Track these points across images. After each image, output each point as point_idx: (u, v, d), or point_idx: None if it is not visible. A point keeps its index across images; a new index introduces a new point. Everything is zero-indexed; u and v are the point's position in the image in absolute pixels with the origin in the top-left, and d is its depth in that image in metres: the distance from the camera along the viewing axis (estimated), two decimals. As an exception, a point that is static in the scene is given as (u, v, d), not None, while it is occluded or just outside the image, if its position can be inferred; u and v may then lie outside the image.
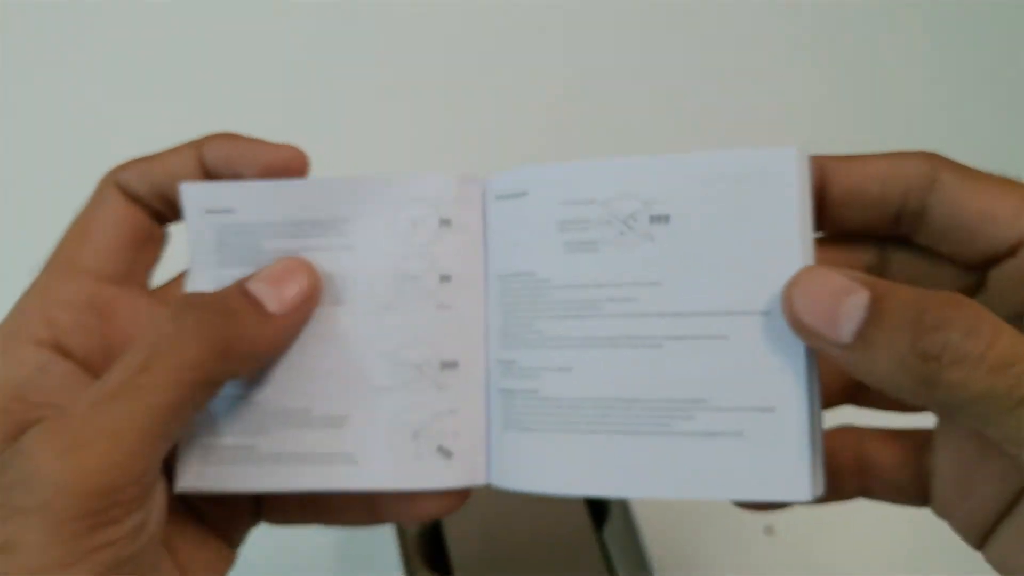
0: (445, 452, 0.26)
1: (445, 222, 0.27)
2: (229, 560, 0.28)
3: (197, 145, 0.27)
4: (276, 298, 0.25)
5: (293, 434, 0.27)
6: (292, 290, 0.25)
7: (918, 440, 0.25)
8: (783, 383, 0.23)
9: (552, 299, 0.26)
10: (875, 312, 0.21)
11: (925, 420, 0.25)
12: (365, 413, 0.27)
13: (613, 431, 0.25)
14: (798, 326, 0.23)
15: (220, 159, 0.27)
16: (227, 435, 0.27)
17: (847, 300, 0.21)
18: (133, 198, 0.27)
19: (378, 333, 0.27)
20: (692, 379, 0.24)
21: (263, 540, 0.30)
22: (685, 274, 0.25)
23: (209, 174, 0.28)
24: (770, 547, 0.37)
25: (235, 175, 0.27)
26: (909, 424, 0.26)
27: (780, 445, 0.23)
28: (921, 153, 0.24)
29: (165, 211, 0.28)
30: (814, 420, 0.24)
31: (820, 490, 0.24)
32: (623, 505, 0.37)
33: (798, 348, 0.23)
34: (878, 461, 0.25)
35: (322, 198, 0.27)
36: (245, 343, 0.24)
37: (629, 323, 0.25)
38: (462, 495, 0.27)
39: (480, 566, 0.34)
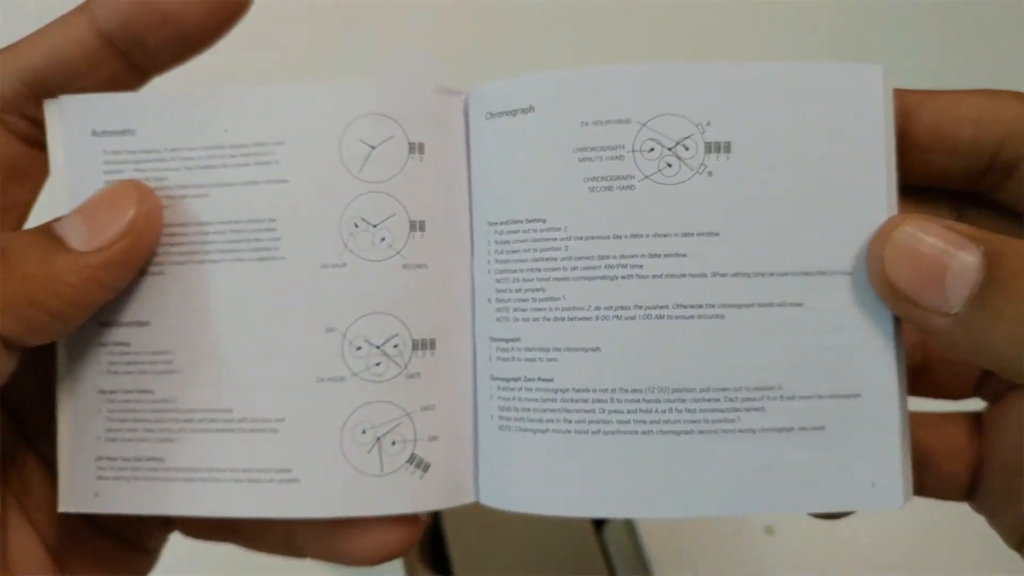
0: (419, 464, 0.19)
1: (416, 148, 0.20)
2: (146, 565, 0.23)
3: (86, 6, 0.19)
4: (85, 233, 0.18)
5: (211, 443, 0.19)
6: (111, 223, 0.18)
7: (971, 424, 0.21)
8: (870, 363, 0.19)
9: (570, 254, 0.19)
10: (992, 273, 0.17)
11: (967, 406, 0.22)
12: (307, 414, 0.19)
13: (655, 431, 0.19)
14: (889, 291, 0.18)
15: (122, 15, 0.19)
16: (126, 444, 0.19)
17: (955, 259, 0.17)
18: None
19: (323, 302, 0.19)
20: (763, 359, 0.19)
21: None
22: (751, 222, 0.19)
23: (112, 46, 0.19)
24: (770, 547, 0.36)
25: (143, 39, 0.19)
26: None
27: (868, 441, 0.19)
28: (1018, 94, 0.20)
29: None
30: (903, 409, 0.19)
31: (910, 495, 0.19)
32: None
33: (886, 318, 0.19)
34: (932, 449, 0.21)
35: (249, 113, 0.19)
36: (31, 291, 0.17)
37: (678, 287, 0.19)
38: (419, 522, 0.20)
39: (480, 566, 0.32)
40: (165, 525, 0.22)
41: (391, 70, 0.43)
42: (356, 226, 0.19)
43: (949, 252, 0.17)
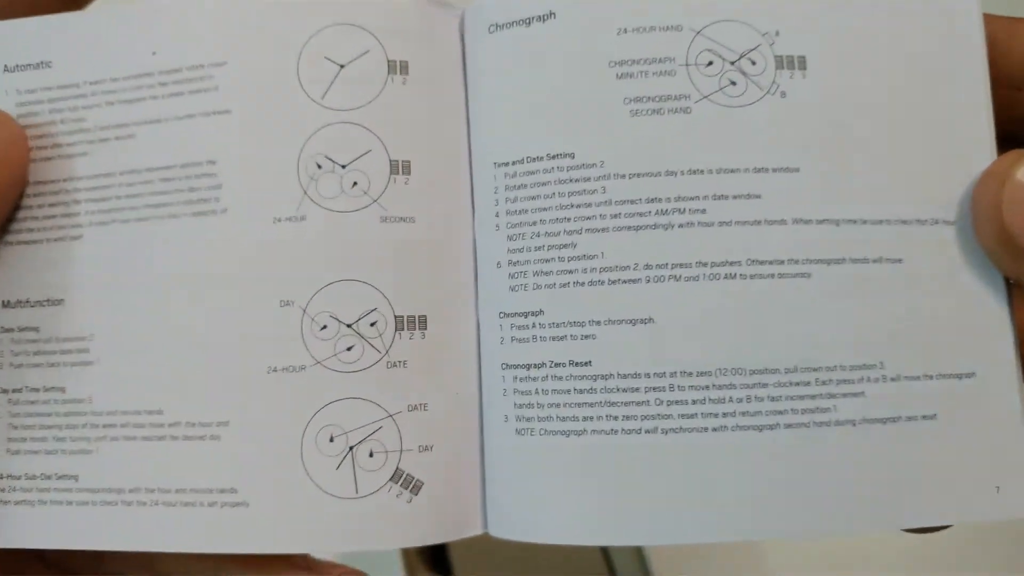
0: (407, 482, 0.14)
1: (397, 67, 0.15)
2: None
3: None
4: None
5: (136, 455, 0.15)
6: None
7: None
8: (984, 334, 0.14)
9: (609, 198, 0.14)
10: None
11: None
12: (257, 415, 0.14)
13: (731, 427, 0.14)
14: (1006, 246, 0.14)
15: None
16: (32, 458, 0.15)
17: None
18: None
19: (276, 267, 0.14)
20: (859, 331, 0.14)
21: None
22: (836, 156, 0.14)
23: None
24: (770, 547, 0.35)
25: None
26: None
27: (988, 433, 0.14)
28: None
29: None
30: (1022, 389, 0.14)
31: None
32: None
33: (996, 279, 0.14)
34: None
35: (182, 30, 0.15)
36: None
37: (753, 237, 0.14)
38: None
39: (480, 566, 0.31)
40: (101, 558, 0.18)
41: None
42: (319, 167, 0.15)
43: None
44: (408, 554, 0.31)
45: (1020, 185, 0.13)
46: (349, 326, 0.14)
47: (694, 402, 0.14)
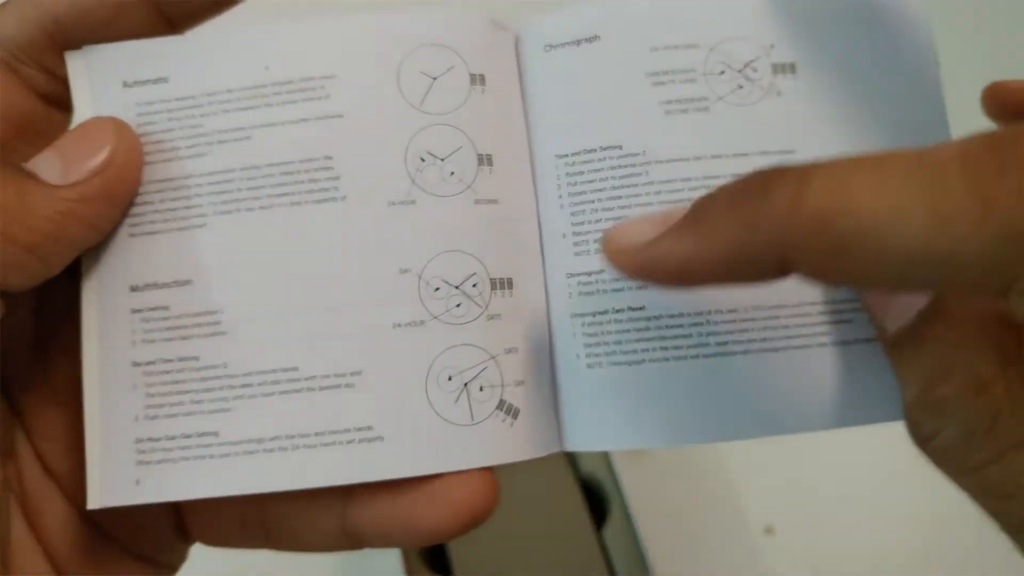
0: (509, 410, 0.18)
1: (477, 79, 0.19)
2: None
3: None
4: (60, 168, 0.17)
5: (276, 408, 0.17)
6: (88, 157, 0.17)
7: None
8: None
9: (651, 179, 0.18)
10: None
11: None
12: (386, 364, 0.17)
13: (755, 350, 0.18)
14: None
15: None
16: (171, 421, 0.17)
17: None
18: (9, 62, 0.18)
19: (393, 242, 0.18)
20: None
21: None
22: (822, 139, 0.19)
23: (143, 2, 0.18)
24: (770, 547, 0.35)
25: None
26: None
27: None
28: None
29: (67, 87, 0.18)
30: None
31: None
32: (623, 505, 0.35)
33: None
34: None
35: (291, 49, 0.18)
36: (2, 224, 0.16)
37: None
38: (496, 481, 0.18)
39: (480, 566, 0.31)
40: (183, 537, 0.19)
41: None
42: (423, 160, 0.18)
43: None
44: (408, 554, 0.32)
45: None
46: (456, 287, 0.18)
47: (726, 332, 0.18)
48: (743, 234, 0.13)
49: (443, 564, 0.32)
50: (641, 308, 0.18)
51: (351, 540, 0.18)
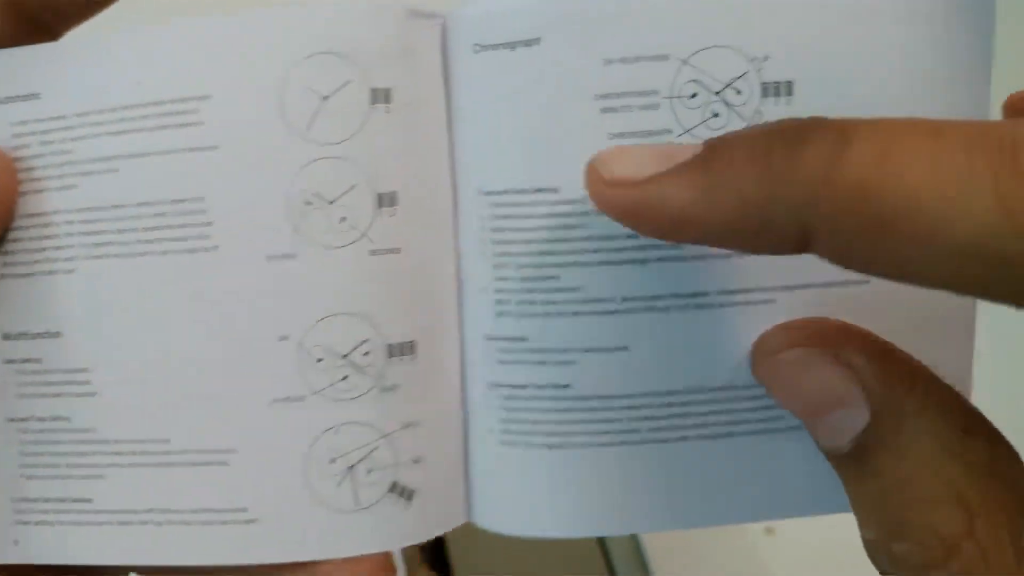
0: (403, 492, 0.16)
1: (380, 95, 0.15)
2: None
3: None
4: None
5: (148, 480, 0.16)
6: None
7: None
8: (948, 344, 0.15)
9: (591, 234, 0.15)
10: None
11: None
12: (262, 443, 0.15)
13: (693, 436, 0.15)
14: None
15: None
16: (47, 483, 0.16)
17: None
18: None
19: (271, 304, 0.15)
20: None
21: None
22: None
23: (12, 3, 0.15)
24: (770, 547, 0.35)
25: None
26: None
27: None
28: None
29: None
30: None
31: None
32: None
33: (964, 300, 0.15)
34: None
35: (165, 60, 0.15)
36: None
37: (723, 269, 0.15)
38: (387, 566, 0.16)
39: (480, 566, 0.32)
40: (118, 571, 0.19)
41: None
42: (308, 204, 0.15)
43: None
44: (408, 552, 0.32)
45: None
46: (344, 357, 0.15)
47: (661, 417, 0.15)
48: (763, 192, 0.11)
49: (443, 564, 0.32)
50: (567, 386, 0.15)
51: None
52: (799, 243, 0.11)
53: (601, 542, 0.32)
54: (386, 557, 0.16)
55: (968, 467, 0.12)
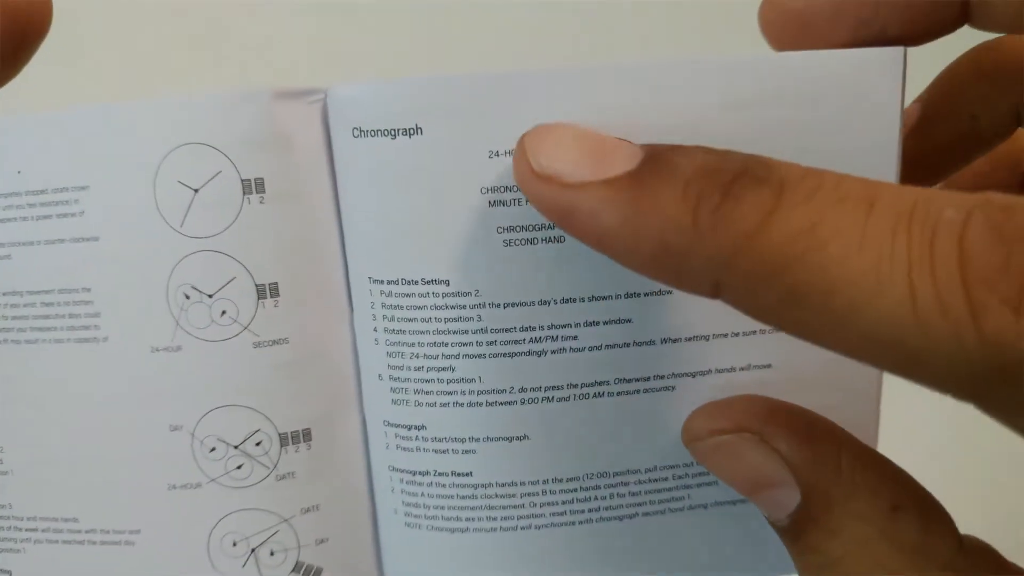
0: (307, 571, 0.16)
1: (252, 186, 0.14)
2: None
3: None
4: None
5: (61, 557, 0.16)
6: None
7: None
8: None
9: (485, 325, 0.14)
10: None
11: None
12: (165, 525, 0.15)
13: (596, 519, 0.15)
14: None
15: None
16: None
17: None
18: None
19: (161, 394, 0.15)
20: None
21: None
22: None
23: None
24: None
25: None
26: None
27: None
28: None
29: None
30: None
31: None
32: None
33: (871, 376, 0.15)
34: None
35: (43, 149, 0.14)
36: None
37: (622, 358, 0.14)
38: None
39: None
40: None
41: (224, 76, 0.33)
42: (187, 297, 0.14)
43: None
44: None
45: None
46: (236, 447, 0.15)
47: (564, 503, 0.15)
48: (684, 242, 0.11)
49: None
50: (468, 474, 0.15)
51: None
52: (711, 292, 0.11)
53: None
54: None
55: (898, 547, 0.12)
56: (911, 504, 0.12)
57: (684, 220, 0.10)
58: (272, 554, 0.15)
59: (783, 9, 0.14)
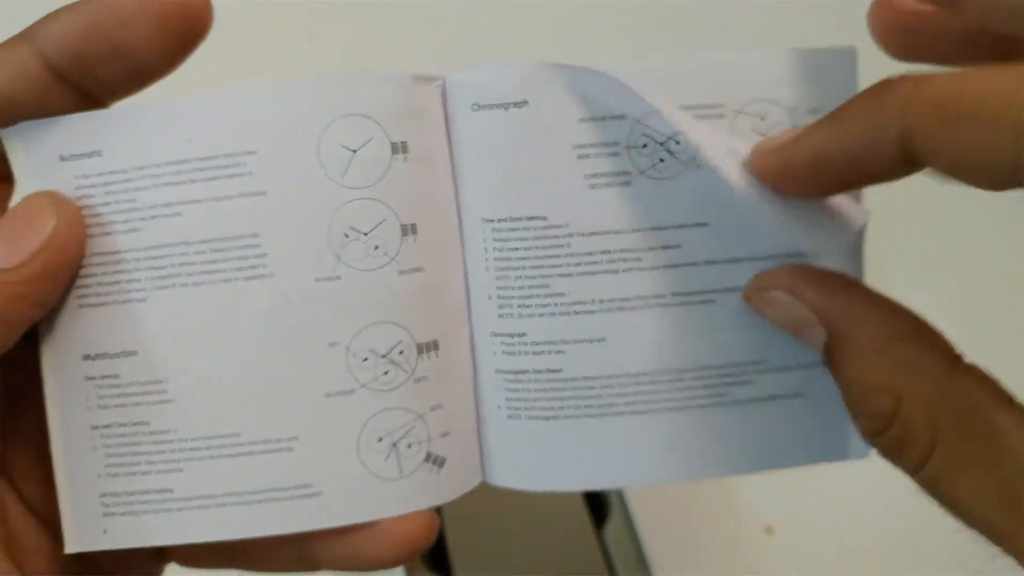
0: (436, 460, 0.20)
1: (398, 147, 0.19)
2: None
3: (29, 35, 0.17)
4: (3, 250, 0.17)
5: (222, 469, 0.19)
6: (30, 236, 0.17)
7: None
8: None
9: (573, 251, 0.19)
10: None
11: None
12: (320, 430, 0.19)
13: (659, 409, 0.20)
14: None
15: (69, 49, 0.17)
16: (130, 479, 0.19)
17: None
18: None
19: (321, 317, 0.19)
20: (749, 338, 0.20)
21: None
22: (736, 211, 0.19)
23: (62, 78, 0.18)
24: (770, 547, 0.36)
25: (93, 72, 0.17)
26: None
27: (840, 403, 0.19)
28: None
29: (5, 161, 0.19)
30: None
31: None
32: (623, 504, 0.35)
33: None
34: None
35: (212, 122, 0.18)
36: None
37: (675, 276, 0.19)
38: (434, 517, 0.20)
39: (480, 566, 0.32)
40: (159, 558, 0.22)
41: (362, 59, 0.39)
42: (346, 236, 0.18)
43: None
44: None
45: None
46: (383, 356, 0.19)
47: (634, 394, 0.20)
48: (871, 114, 0.15)
49: (443, 564, 0.33)
50: (558, 370, 0.20)
51: (309, 566, 0.21)
52: (904, 153, 0.15)
53: (601, 542, 0.33)
54: (429, 514, 0.20)
55: (895, 364, 0.16)
56: (908, 333, 0.17)
57: (868, 102, 0.15)
58: (409, 446, 0.19)
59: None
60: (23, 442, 0.20)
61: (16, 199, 0.18)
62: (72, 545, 0.19)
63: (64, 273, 0.18)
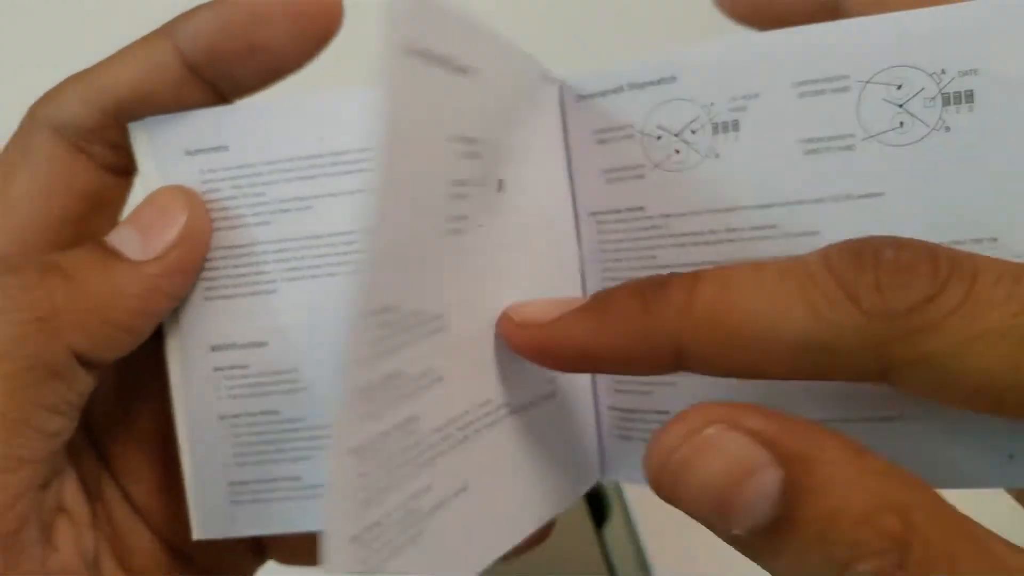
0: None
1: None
2: None
3: (167, 32, 0.17)
4: (140, 243, 0.18)
5: None
6: (165, 230, 0.18)
7: None
8: None
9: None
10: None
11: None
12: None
13: None
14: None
15: (207, 46, 0.18)
16: (259, 467, 0.19)
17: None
18: (76, 143, 0.18)
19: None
20: None
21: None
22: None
23: (196, 74, 0.18)
24: None
25: (229, 69, 0.18)
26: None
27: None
28: None
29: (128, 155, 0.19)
30: None
31: None
32: (623, 505, 0.35)
33: None
34: None
35: (346, 119, 0.18)
36: (98, 306, 0.17)
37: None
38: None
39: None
40: (258, 557, 0.22)
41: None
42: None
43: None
44: None
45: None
46: None
47: None
48: (642, 322, 0.14)
49: None
50: None
51: None
52: (675, 361, 0.14)
53: (601, 542, 0.33)
54: None
55: (877, 476, 0.13)
56: (855, 443, 0.13)
57: (638, 307, 0.15)
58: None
59: None
60: (134, 443, 0.20)
61: (142, 192, 0.19)
62: (200, 533, 0.19)
63: (195, 267, 0.19)
